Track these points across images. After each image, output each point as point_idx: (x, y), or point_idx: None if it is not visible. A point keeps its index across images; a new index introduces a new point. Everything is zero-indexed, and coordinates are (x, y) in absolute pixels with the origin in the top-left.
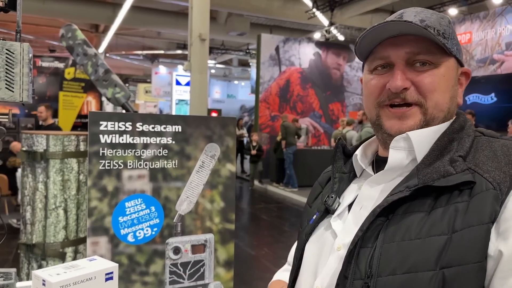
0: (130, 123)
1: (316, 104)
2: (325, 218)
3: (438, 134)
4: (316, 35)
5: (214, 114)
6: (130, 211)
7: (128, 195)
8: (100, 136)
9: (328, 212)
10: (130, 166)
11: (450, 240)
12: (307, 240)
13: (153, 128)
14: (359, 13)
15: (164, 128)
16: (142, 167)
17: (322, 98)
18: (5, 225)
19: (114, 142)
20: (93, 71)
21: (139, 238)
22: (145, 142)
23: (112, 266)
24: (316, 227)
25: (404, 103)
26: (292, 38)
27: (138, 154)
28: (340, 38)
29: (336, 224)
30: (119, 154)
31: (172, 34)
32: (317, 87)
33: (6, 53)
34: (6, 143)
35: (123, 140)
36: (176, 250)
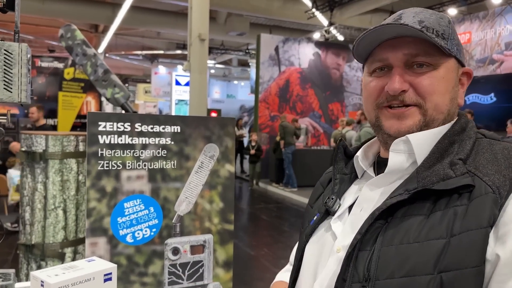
0: (129, 124)
1: (316, 104)
2: (325, 219)
3: (438, 136)
4: (316, 35)
5: (214, 114)
6: (129, 211)
7: (127, 196)
8: (99, 136)
9: (328, 213)
10: (129, 166)
11: (448, 244)
12: (307, 241)
13: (152, 128)
14: (359, 13)
15: (163, 128)
16: (141, 167)
17: (321, 98)
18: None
19: (112, 142)
20: (92, 71)
21: (138, 239)
22: (144, 143)
23: (111, 267)
24: (316, 228)
25: (402, 105)
26: (292, 38)
27: (137, 154)
28: (339, 38)
29: (336, 226)
30: (117, 154)
31: (172, 34)
32: (316, 87)
33: (5, 53)
34: (5, 143)
35: (121, 140)
36: (175, 251)
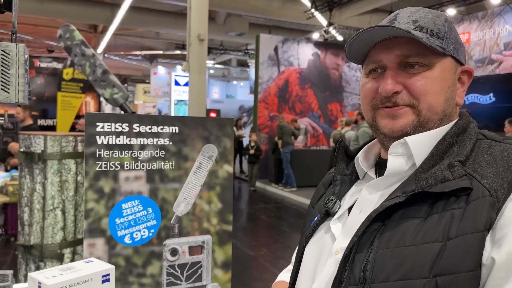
0: (127, 124)
1: (315, 104)
2: (325, 220)
3: (438, 137)
4: (315, 35)
5: (213, 115)
6: (127, 212)
7: (125, 197)
8: (97, 137)
9: (329, 215)
10: (127, 167)
11: (444, 248)
12: (307, 242)
13: (150, 129)
14: (358, 13)
15: (161, 129)
16: (139, 168)
17: (320, 98)
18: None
19: (110, 143)
20: (91, 71)
21: (136, 240)
22: (142, 143)
23: (109, 268)
24: (316, 230)
25: (396, 106)
26: (291, 38)
27: (135, 155)
28: (338, 38)
29: (335, 227)
30: (116, 155)
31: (171, 34)
32: (315, 87)
33: (2, 54)
34: (4, 144)
35: (120, 141)
36: (174, 252)
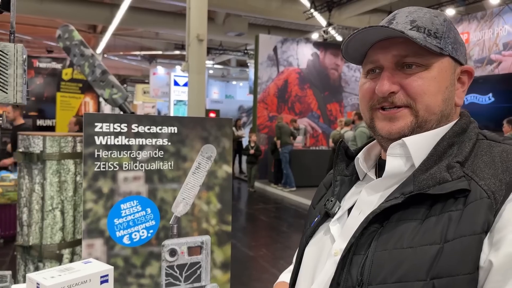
0: (126, 125)
1: (314, 105)
2: (325, 221)
3: (437, 138)
4: (314, 36)
5: (212, 115)
6: (125, 213)
7: (124, 197)
8: (95, 137)
9: (328, 216)
10: (126, 167)
11: (442, 250)
12: (307, 243)
13: (148, 129)
14: (357, 13)
15: (160, 129)
16: (138, 168)
17: (320, 99)
18: None
19: (109, 143)
20: (90, 72)
21: (135, 240)
22: (140, 144)
23: (107, 269)
24: (316, 230)
25: (394, 106)
26: (290, 39)
27: (133, 155)
28: (338, 38)
29: (334, 228)
30: (114, 155)
31: (170, 34)
32: (315, 87)
33: (0, 54)
34: (3, 144)
35: (118, 141)
36: (172, 252)
